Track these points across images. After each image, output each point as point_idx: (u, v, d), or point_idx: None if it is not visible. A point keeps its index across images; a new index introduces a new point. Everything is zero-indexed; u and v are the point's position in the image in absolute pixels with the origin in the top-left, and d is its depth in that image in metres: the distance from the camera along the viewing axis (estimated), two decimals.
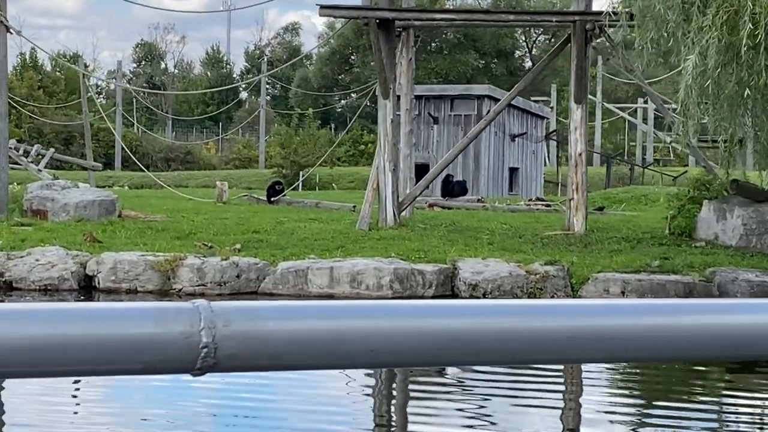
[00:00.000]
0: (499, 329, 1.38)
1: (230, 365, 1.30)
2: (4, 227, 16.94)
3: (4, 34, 17.28)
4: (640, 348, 1.45)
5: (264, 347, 1.30)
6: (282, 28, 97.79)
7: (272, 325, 1.31)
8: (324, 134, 46.24)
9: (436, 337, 1.35)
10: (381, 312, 1.37)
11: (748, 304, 1.53)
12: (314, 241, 16.62)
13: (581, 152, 17.71)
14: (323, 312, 1.35)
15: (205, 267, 14.76)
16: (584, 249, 16.51)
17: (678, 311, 1.49)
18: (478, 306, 1.40)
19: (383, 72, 17.95)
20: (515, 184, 30.11)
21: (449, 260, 15.21)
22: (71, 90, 71.96)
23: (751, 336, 1.48)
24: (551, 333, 1.39)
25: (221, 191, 23.63)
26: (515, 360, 1.43)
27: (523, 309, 1.43)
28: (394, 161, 18.33)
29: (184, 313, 1.29)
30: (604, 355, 1.50)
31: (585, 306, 1.47)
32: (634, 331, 1.44)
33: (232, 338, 1.29)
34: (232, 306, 1.32)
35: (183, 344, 1.27)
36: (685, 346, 1.48)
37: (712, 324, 1.48)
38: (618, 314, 1.45)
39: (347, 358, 1.35)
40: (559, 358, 1.47)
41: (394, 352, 1.35)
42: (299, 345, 1.32)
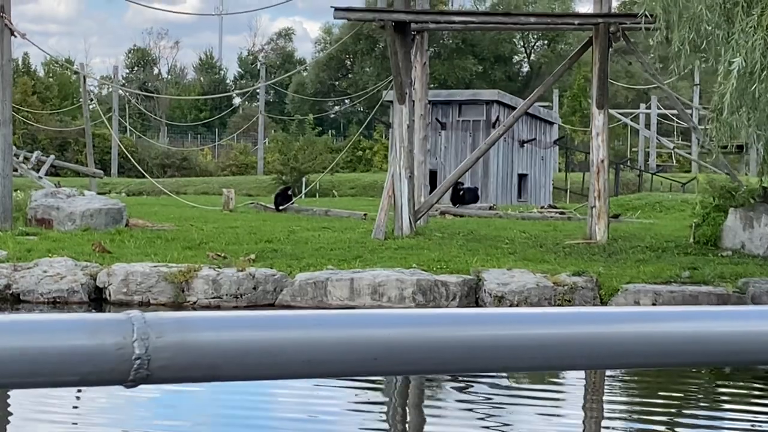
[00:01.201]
0: (431, 338, 1.39)
1: (164, 376, 1.30)
2: (9, 237, 16.37)
3: (9, 37, 16.73)
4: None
5: (198, 358, 1.31)
6: (275, 33, 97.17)
7: (207, 336, 1.31)
8: (324, 140, 45.72)
9: (370, 347, 1.36)
10: (315, 322, 1.37)
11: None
12: (330, 251, 16.09)
13: (603, 158, 17.22)
14: (258, 322, 1.35)
15: (221, 278, 14.23)
16: (608, 258, 16.02)
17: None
18: (412, 315, 1.41)
19: (399, 76, 17.44)
20: (524, 191, 29.60)
21: (473, 271, 14.70)
22: (64, 96, 71.34)
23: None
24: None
25: (228, 199, 23.07)
26: (447, 370, 1.44)
27: (449, 318, 1.43)
28: (410, 168, 17.81)
29: (117, 325, 1.29)
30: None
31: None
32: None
33: (165, 349, 1.29)
34: (167, 317, 1.32)
35: (116, 356, 1.27)
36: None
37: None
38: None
39: (284, 369, 1.35)
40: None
41: (329, 362, 1.36)
42: (234, 356, 1.32)
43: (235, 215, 21.80)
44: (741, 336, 1.52)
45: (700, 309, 1.60)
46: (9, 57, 16.86)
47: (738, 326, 1.52)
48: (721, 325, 1.52)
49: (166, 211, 22.26)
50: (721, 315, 1.56)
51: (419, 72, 18.73)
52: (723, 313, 1.57)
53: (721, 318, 1.55)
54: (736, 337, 1.51)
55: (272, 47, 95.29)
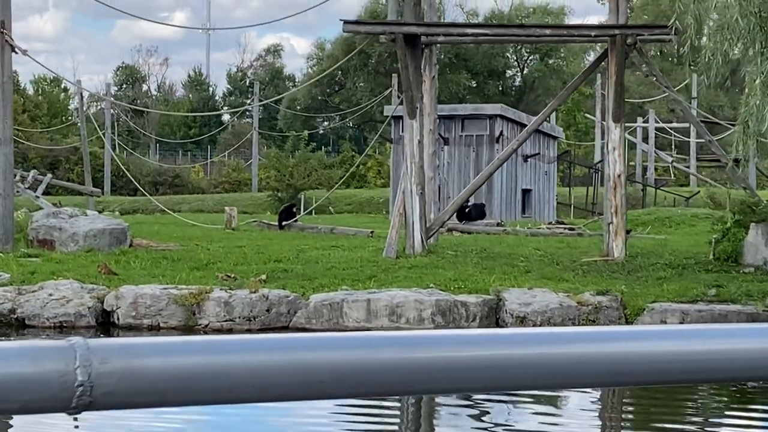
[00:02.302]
0: (376, 361, 1.39)
1: (108, 403, 1.29)
2: (11, 259, 15.87)
3: (9, 53, 16.25)
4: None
5: (142, 384, 1.30)
6: (263, 50, 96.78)
7: (151, 362, 1.30)
8: (318, 157, 45.27)
9: (315, 370, 1.36)
10: (261, 346, 1.37)
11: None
12: (342, 270, 15.63)
13: (620, 173, 16.81)
14: (203, 347, 1.36)
15: (233, 301, 13.76)
16: (628, 276, 15.60)
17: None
18: (356, 338, 1.43)
19: (409, 90, 17.01)
20: (528, 206, 29.15)
21: (492, 290, 14.27)
22: (53, 114, 70.76)
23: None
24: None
25: (230, 217, 22.57)
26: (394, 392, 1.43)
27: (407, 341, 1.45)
28: (421, 184, 17.37)
29: (59, 352, 1.28)
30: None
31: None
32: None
33: (109, 376, 1.28)
34: (110, 343, 1.31)
35: (58, 383, 1.26)
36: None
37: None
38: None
39: (230, 394, 1.34)
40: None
41: (275, 386, 1.36)
42: (180, 381, 1.31)
43: (239, 234, 21.31)
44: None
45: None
46: (10, 74, 16.38)
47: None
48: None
49: (167, 230, 21.76)
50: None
51: (428, 86, 18.30)
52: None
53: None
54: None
55: (261, 63, 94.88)
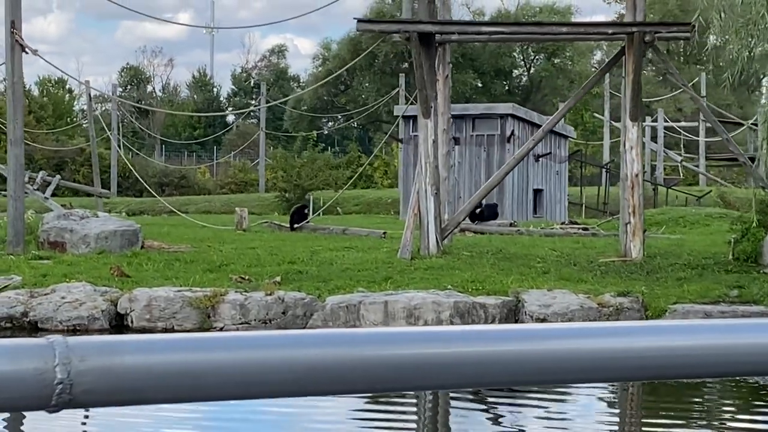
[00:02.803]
0: (354, 358, 1.39)
1: (87, 401, 1.29)
2: (22, 261, 15.68)
3: (20, 53, 16.06)
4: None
5: (122, 382, 1.30)
6: (268, 50, 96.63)
7: (130, 359, 1.30)
8: (325, 157, 45.07)
9: (292, 368, 1.36)
10: (239, 344, 1.37)
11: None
12: (358, 272, 15.43)
13: (638, 173, 16.60)
14: (182, 345, 1.35)
15: (249, 303, 13.57)
16: (647, 277, 15.39)
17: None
18: (333, 335, 1.42)
19: (424, 89, 16.81)
20: (539, 206, 28.90)
21: (511, 292, 14.07)
22: (58, 115, 70.59)
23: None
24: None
25: (241, 218, 22.36)
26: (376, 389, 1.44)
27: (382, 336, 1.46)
28: (436, 185, 17.16)
29: (38, 350, 1.28)
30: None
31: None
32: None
33: (88, 374, 1.28)
34: (89, 341, 1.31)
35: (37, 381, 1.27)
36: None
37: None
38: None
39: (208, 391, 1.34)
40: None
41: (254, 383, 1.35)
42: (158, 379, 1.31)
43: (251, 235, 21.11)
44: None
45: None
46: (20, 74, 16.19)
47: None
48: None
49: (177, 232, 21.56)
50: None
51: (441, 85, 18.10)
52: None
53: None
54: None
55: (266, 64, 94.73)
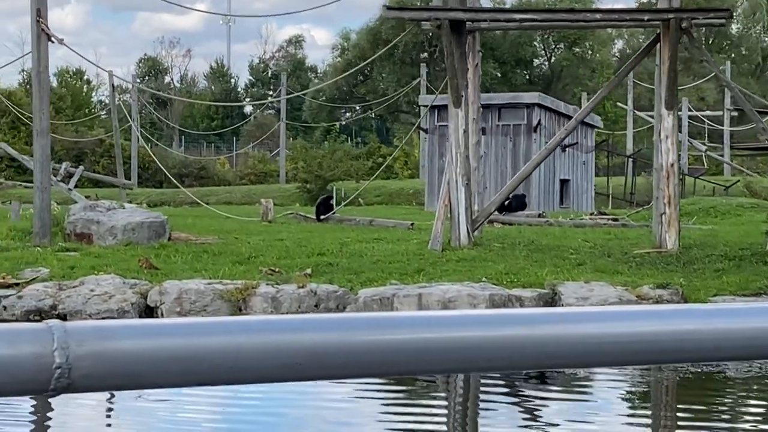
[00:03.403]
0: (352, 342, 1.38)
1: (86, 385, 1.30)
2: (50, 253, 15.48)
3: (46, 43, 15.84)
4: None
5: (120, 366, 1.30)
6: (285, 41, 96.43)
7: (128, 344, 1.31)
8: (346, 148, 44.83)
9: (293, 352, 1.36)
10: (238, 328, 1.37)
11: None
12: (389, 264, 15.18)
13: (673, 162, 16.28)
14: (179, 330, 1.35)
15: (281, 296, 13.34)
16: (684, 269, 15.10)
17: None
18: (333, 320, 1.42)
19: (455, 78, 16.53)
20: (566, 197, 28.57)
21: (547, 284, 13.80)
22: (77, 106, 70.55)
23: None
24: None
25: (266, 209, 22.12)
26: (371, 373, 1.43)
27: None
28: (467, 175, 16.89)
29: (36, 334, 1.28)
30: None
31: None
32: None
33: (86, 358, 1.29)
34: (88, 326, 1.32)
35: (35, 365, 1.27)
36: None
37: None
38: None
39: (206, 376, 1.35)
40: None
41: (252, 368, 1.35)
42: (156, 363, 1.32)
43: (277, 226, 20.87)
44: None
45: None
46: (46, 64, 15.98)
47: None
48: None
49: (202, 223, 21.34)
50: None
51: (471, 74, 17.82)
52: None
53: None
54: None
55: (283, 54, 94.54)
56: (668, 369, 10.99)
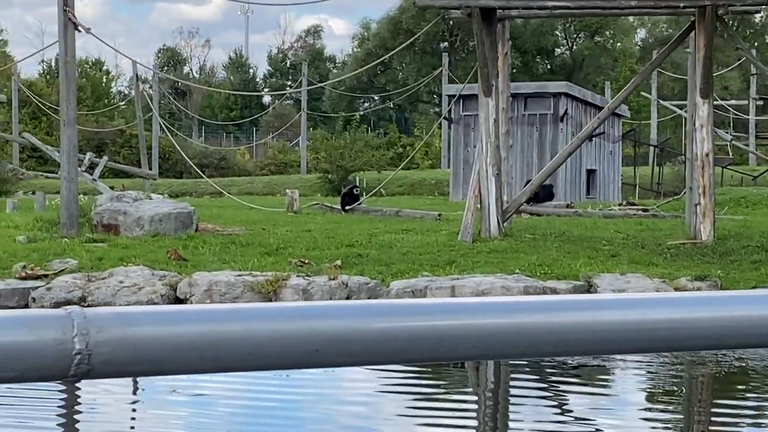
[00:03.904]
0: (372, 329, 1.39)
1: (105, 371, 1.30)
2: (77, 244, 15.33)
3: (73, 32, 15.67)
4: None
5: (139, 352, 1.30)
6: (303, 31, 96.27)
7: (147, 330, 1.31)
8: (367, 138, 44.60)
9: (312, 339, 1.35)
10: (257, 315, 1.37)
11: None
12: (419, 255, 14.98)
13: (708, 152, 16.02)
14: (199, 316, 1.35)
15: (312, 288, 13.16)
16: (720, 260, 14.85)
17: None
18: (352, 306, 1.42)
19: (485, 67, 16.29)
20: (593, 187, 28.27)
21: (582, 276, 13.58)
22: (96, 97, 70.52)
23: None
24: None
25: (291, 200, 21.93)
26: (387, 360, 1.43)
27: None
28: (497, 165, 16.66)
29: (56, 321, 1.29)
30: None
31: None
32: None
33: (106, 344, 1.28)
34: (107, 312, 1.32)
35: (56, 351, 1.27)
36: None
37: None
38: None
39: (225, 362, 1.34)
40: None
41: (271, 355, 1.35)
42: (176, 349, 1.31)
43: (303, 217, 20.68)
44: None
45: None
46: (73, 53, 15.81)
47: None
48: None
49: (227, 214, 21.16)
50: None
51: (501, 63, 17.56)
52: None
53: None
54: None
55: (301, 45, 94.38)
56: (704, 362, 10.82)
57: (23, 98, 50.77)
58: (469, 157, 27.91)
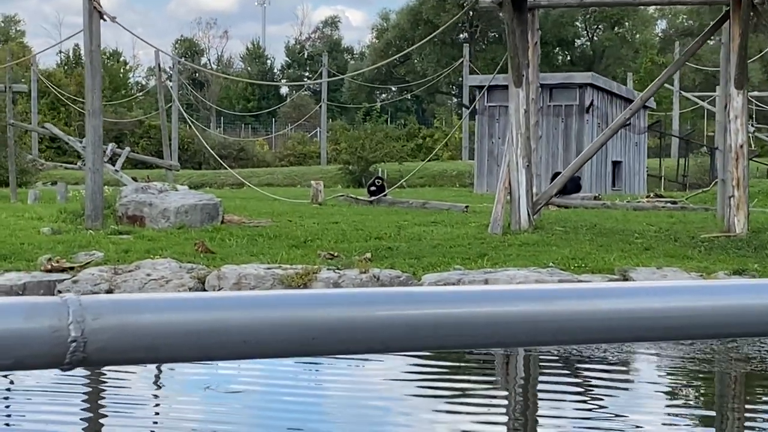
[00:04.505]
0: (368, 317, 1.39)
1: (101, 359, 1.30)
2: (102, 236, 15.15)
3: (98, 21, 15.47)
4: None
5: (135, 340, 1.31)
6: (321, 22, 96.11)
7: (143, 318, 1.32)
8: (388, 129, 44.38)
9: (308, 327, 1.35)
10: (253, 303, 1.37)
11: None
12: (450, 248, 14.75)
13: (742, 143, 15.74)
14: (195, 304, 1.36)
15: (343, 282, 12.93)
16: (756, 253, 14.58)
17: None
18: (348, 294, 1.42)
19: (516, 57, 16.04)
20: (618, 179, 27.98)
21: (618, 270, 13.32)
22: (115, 87, 70.45)
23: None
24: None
25: (316, 191, 21.73)
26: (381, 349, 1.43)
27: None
28: (527, 157, 16.41)
29: (52, 308, 1.29)
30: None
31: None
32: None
33: (101, 332, 1.29)
34: (102, 299, 1.33)
35: (51, 339, 1.28)
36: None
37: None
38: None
39: (221, 350, 1.35)
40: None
41: (267, 343, 1.35)
42: (171, 337, 1.32)
43: (328, 209, 20.47)
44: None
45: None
46: (98, 42, 15.61)
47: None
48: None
49: (250, 205, 20.98)
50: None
51: (531, 53, 17.29)
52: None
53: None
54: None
55: (319, 36, 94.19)
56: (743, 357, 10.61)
57: (41, 89, 50.69)
58: (493, 148, 27.67)
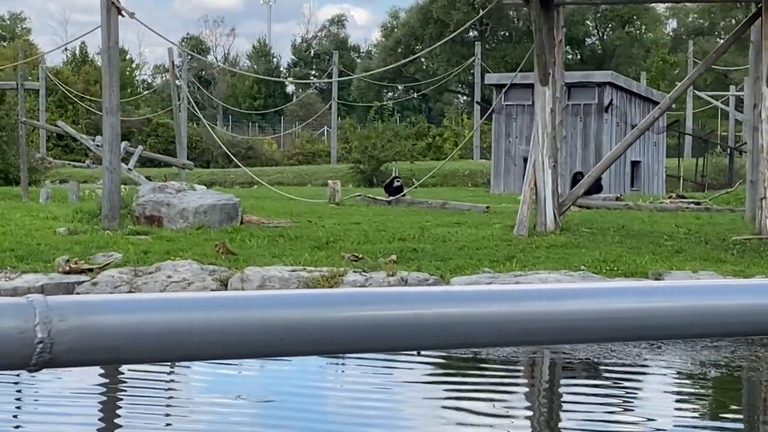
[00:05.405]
0: (334, 318, 1.38)
1: (68, 360, 1.30)
2: (120, 237, 14.80)
3: (116, 17, 15.12)
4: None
5: (101, 341, 1.30)
6: (327, 20, 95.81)
7: (109, 319, 1.31)
8: (398, 128, 44.01)
9: (275, 327, 1.35)
10: (219, 304, 1.36)
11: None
12: (476, 250, 14.39)
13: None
14: (160, 305, 1.35)
15: (370, 284, 12.54)
16: None
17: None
18: (315, 296, 1.43)
19: (542, 55, 15.69)
20: (637, 179, 27.61)
21: (651, 273, 12.96)
22: (121, 85, 70.20)
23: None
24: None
25: (333, 191, 21.36)
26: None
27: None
28: (554, 157, 16.05)
29: (18, 309, 1.28)
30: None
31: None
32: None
33: (68, 333, 1.28)
34: (69, 301, 1.32)
35: (17, 340, 1.27)
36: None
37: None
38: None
39: (187, 351, 1.34)
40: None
41: (234, 343, 1.34)
42: (138, 338, 1.31)
43: (347, 209, 20.11)
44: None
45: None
46: (116, 38, 15.26)
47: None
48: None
49: (266, 205, 20.62)
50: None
51: (556, 51, 16.92)
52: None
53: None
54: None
55: (325, 34, 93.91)
56: None
57: (49, 86, 50.35)
58: (510, 148, 27.30)
